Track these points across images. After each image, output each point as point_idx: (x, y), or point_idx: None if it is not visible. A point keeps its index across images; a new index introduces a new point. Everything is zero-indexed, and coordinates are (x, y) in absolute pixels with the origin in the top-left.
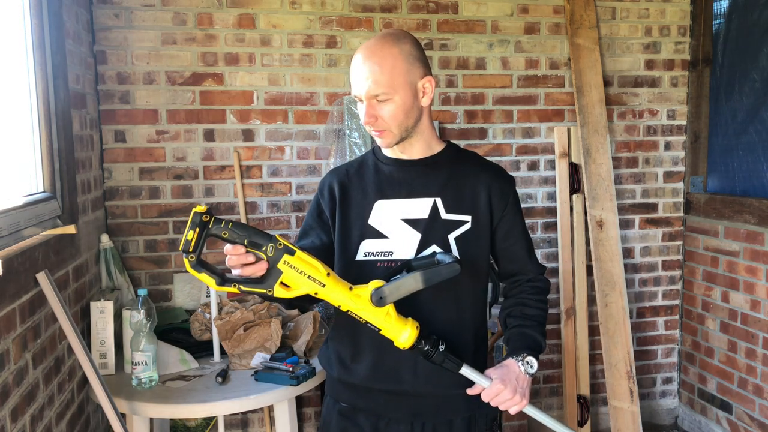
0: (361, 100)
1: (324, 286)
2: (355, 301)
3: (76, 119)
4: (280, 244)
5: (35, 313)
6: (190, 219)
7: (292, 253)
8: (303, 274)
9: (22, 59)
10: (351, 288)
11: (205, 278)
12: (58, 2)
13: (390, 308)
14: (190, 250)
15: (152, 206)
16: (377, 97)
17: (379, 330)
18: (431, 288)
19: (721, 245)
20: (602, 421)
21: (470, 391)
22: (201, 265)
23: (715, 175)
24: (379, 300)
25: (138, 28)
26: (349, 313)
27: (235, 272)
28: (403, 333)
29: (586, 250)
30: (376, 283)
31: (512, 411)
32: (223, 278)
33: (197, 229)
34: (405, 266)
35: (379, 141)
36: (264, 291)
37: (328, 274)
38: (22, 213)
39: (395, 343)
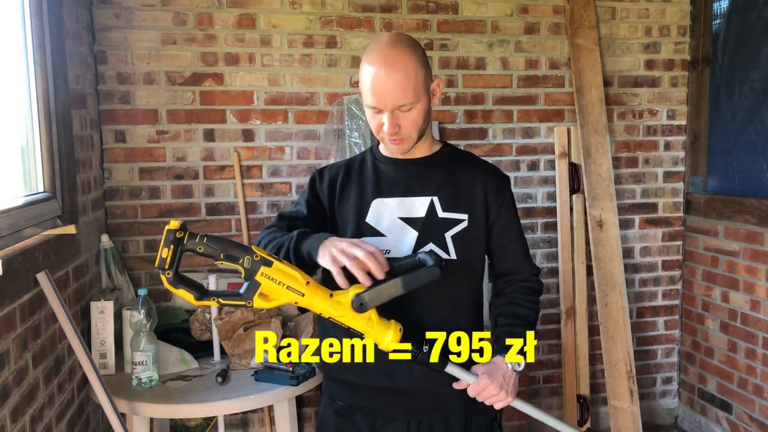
0: (379, 111)
1: (303, 295)
2: (336, 308)
3: (76, 119)
4: (257, 256)
5: (35, 313)
6: (163, 236)
7: (269, 264)
8: (282, 285)
9: (22, 59)
10: (331, 295)
11: (184, 294)
12: (58, 2)
13: (372, 313)
14: (166, 267)
15: (152, 206)
16: (403, 106)
17: (362, 336)
18: (425, 288)
19: (721, 245)
20: (602, 421)
21: (456, 386)
22: (179, 281)
23: (715, 175)
24: (360, 306)
25: (138, 28)
26: (331, 320)
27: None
28: (386, 336)
29: (586, 250)
30: (356, 289)
31: (497, 406)
32: (201, 292)
33: (171, 246)
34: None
35: (393, 149)
36: (243, 303)
37: (308, 282)
38: (22, 213)
39: (379, 347)
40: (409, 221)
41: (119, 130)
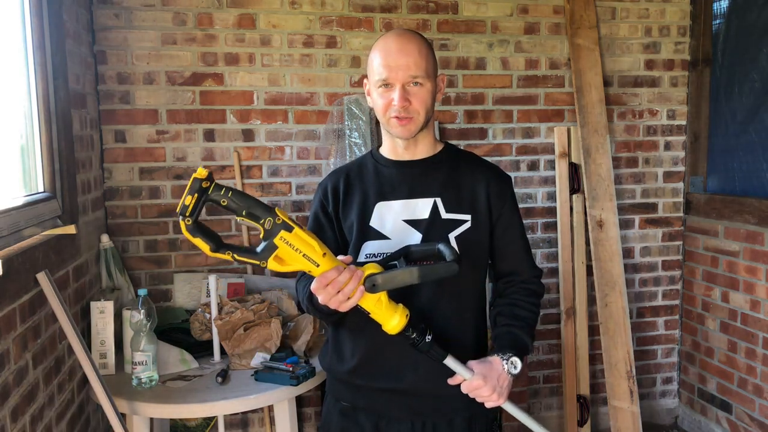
0: (390, 87)
1: (318, 266)
2: None
3: (76, 119)
4: (279, 219)
5: (35, 313)
6: (189, 184)
7: (289, 229)
8: (298, 252)
9: (22, 59)
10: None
11: (200, 243)
12: (58, 2)
13: (382, 295)
14: (187, 213)
15: (152, 206)
16: (416, 78)
17: (369, 313)
18: (433, 285)
19: (721, 245)
20: (602, 421)
21: (451, 381)
22: (197, 229)
23: (715, 175)
24: (372, 287)
25: (138, 28)
26: None
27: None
28: (392, 319)
29: (586, 250)
30: (371, 268)
31: (487, 405)
32: (218, 244)
33: (195, 195)
34: (404, 252)
35: (399, 131)
36: (258, 262)
37: (324, 254)
38: (22, 213)
39: (383, 328)
40: (413, 223)
41: (119, 130)
